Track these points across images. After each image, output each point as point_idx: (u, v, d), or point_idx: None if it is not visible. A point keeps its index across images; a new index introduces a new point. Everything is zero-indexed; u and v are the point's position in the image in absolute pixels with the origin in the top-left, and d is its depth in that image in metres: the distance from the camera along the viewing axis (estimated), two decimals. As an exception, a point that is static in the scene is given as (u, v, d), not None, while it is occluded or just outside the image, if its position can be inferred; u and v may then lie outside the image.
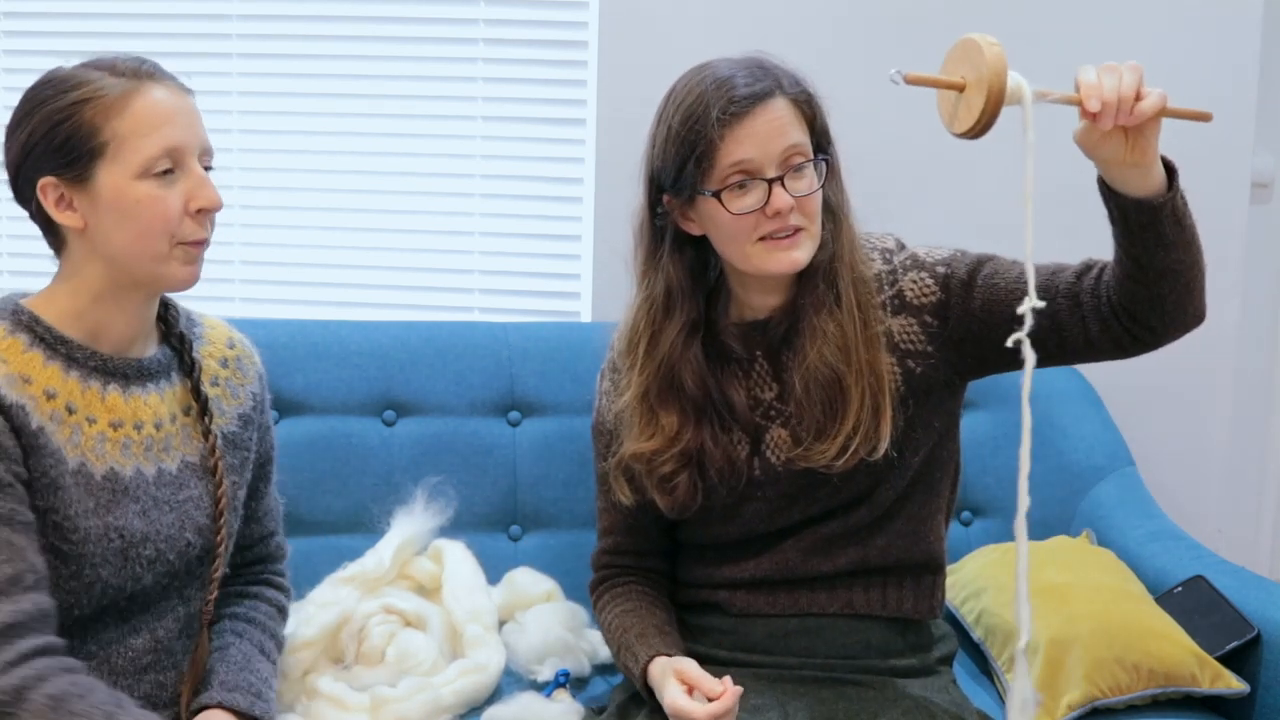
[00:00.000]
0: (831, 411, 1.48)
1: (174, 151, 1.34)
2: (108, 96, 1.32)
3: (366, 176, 2.46)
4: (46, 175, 1.33)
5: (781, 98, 1.45)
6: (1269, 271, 2.49)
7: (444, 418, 2.11)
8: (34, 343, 1.36)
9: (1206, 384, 2.41)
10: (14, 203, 1.40)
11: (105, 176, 1.33)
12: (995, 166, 2.39)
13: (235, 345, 1.57)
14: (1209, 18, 2.33)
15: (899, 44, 2.36)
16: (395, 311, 2.43)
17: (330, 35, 2.45)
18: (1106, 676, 1.71)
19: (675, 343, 1.52)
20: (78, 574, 1.34)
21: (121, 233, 1.34)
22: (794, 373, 1.50)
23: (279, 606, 1.62)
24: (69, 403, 1.36)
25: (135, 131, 1.32)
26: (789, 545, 1.55)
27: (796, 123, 1.46)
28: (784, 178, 1.44)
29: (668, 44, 2.33)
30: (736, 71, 1.45)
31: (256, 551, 1.63)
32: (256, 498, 1.60)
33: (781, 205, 1.43)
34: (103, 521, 1.36)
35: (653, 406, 1.54)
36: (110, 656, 1.40)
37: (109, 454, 1.38)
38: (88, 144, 1.32)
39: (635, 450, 1.54)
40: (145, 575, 1.39)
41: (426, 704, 1.66)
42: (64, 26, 2.46)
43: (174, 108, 1.35)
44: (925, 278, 1.52)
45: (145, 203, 1.33)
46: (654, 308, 1.54)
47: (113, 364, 1.40)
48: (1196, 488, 2.41)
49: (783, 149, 1.44)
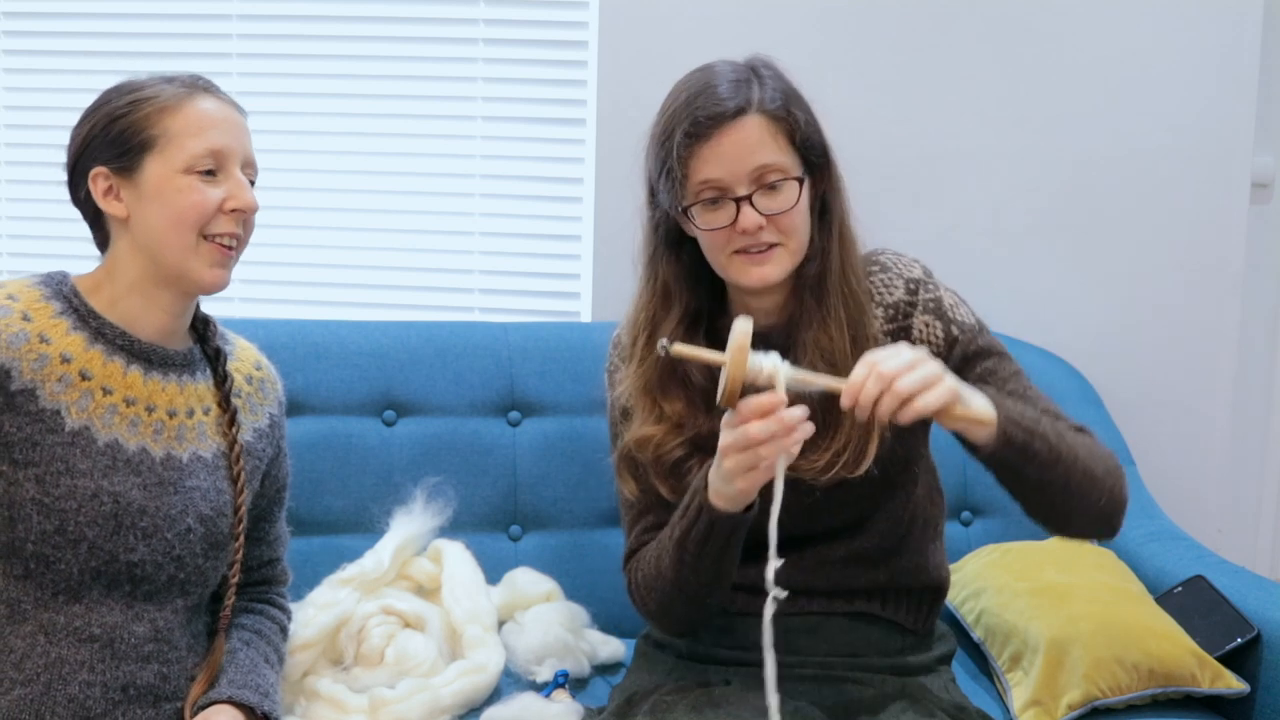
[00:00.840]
0: (823, 427, 1.46)
1: (218, 154, 1.45)
2: (163, 99, 1.45)
3: (366, 176, 2.47)
4: (99, 165, 1.44)
5: (755, 115, 1.42)
6: (1269, 271, 2.49)
7: (444, 418, 2.11)
8: (65, 311, 1.45)
9: (1206, 384, 2.41)
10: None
11: (152, 168, 1.43)
12: (995, 169, 2.39)
13: (261, 368, 1.65)
14: (1209, 18, 2.34)
15: (898, 44, 2.36)
16: (395, 311, 2.43)
17: (330, 35, 2.45)
18: (1106, 676, 1.72)
19: (675, 334, 1.51)
20: (62, 529, 1.38)
21: (159, 220, 1.43)
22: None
23: (281, 625, 1.66)
24: (85, 369, 1.43)
25: (185, 131, 1.43)
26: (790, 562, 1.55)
27: (770, 141, 1.42)
28: (753, 196, 1.42)
29: (668, 44, 2.33)
30: (719, 83, 1.43)
31: (263, 573, 1.67)
32: (270, 521, 1.65)
33: (748, 225, 1.42)
34: (96, 484, 1.40)
35: (655, 397, 1.53)
36: (114, 641, 1.42)
37: (116, 426, 1.44)
38: (139, 137, 1.43)
39: (640, 435, 1.52)
40: (139, 546, 1.42)
41: (425, 705, 1.66)
42: (64, 26, 2.47)
43: (223, 116, 1.47)
44: (938, 326, 1.51)
45: (185, 192, 1.43)
46: (653, 301, 1.54)
47: (139, 347, 1.47)
48: (1196, 488, 2.42)
49: (752, 168, 1.41)
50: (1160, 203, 2.37)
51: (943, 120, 2.37)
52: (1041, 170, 2.39)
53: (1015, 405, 1.39)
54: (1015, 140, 2.38)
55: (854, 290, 1.49)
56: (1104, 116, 2.36)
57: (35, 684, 1.38)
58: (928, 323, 1.51)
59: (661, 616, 1.55)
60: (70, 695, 1.38)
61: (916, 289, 1.52)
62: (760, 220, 1.42)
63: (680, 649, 1.61)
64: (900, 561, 1.56)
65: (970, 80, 2.37)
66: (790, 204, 1.43)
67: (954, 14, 2.36)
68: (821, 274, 1.48)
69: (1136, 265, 2.39)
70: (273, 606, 1.66)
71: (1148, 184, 2.37)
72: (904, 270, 1.54)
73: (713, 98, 1.42)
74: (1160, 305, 2.40)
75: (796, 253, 1.47)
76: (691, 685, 1.52)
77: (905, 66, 2.35)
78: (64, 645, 1.39)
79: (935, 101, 2.37)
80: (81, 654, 1.40)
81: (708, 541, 1.42)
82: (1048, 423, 1.39)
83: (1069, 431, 1.43)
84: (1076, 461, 1.39)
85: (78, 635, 1.40)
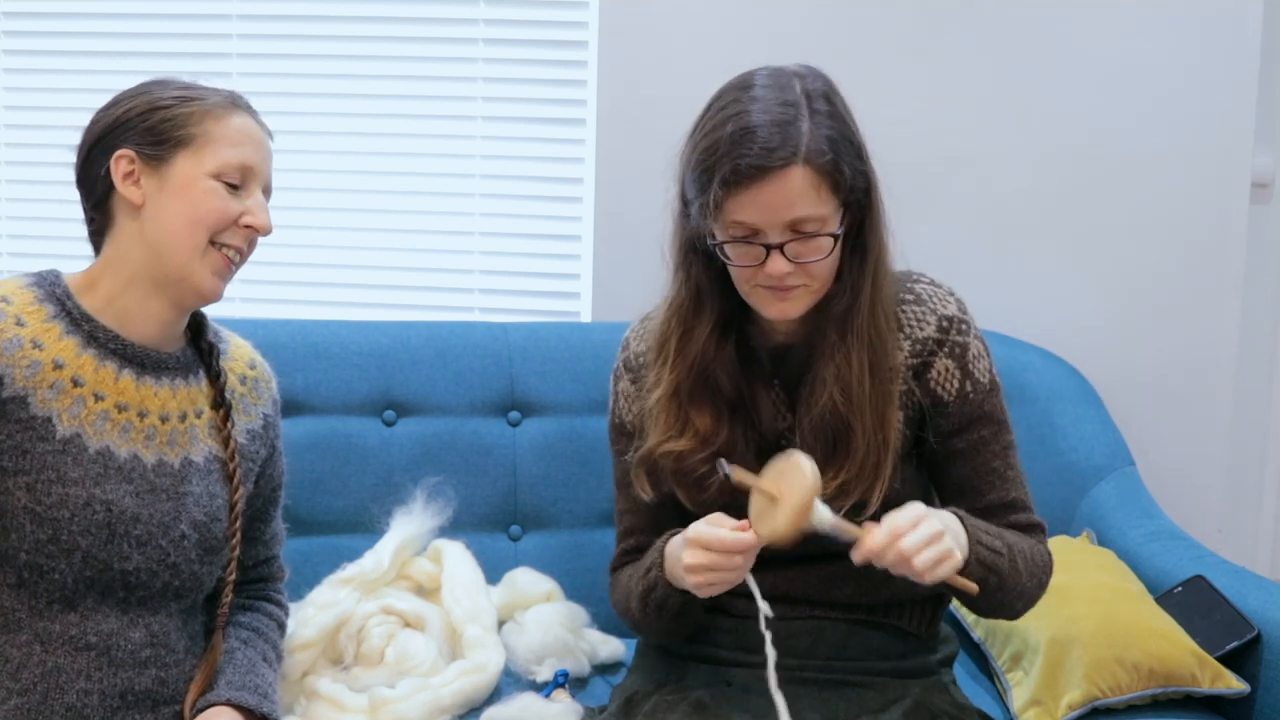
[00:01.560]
0: (834, 459, 1.46)
1: (246, 170, 1.46)
2: (210, 104, 1.46)
3: (366, 176, 2.47)
4: (127, 148, 1.43)
5: (800, 168, 1.35)
6: (1269, 271, 2.49)
7: (444, 418, 2.11)
8: (58, 314, 1.44)
9: (1206, 384, 2.41)
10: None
11: (183, 164, 1.44)
12: (995, 169, 2.39)
13: (255, 367, 1.63)
14: (1209, 18, 2.34)
15: (898, 44, 2.36)
16: (395, 311, 2.43)
17: (330, 35, 2.45)
18: (1107, 676, 1.71)
19: (709, 342, 1.50)
20: (55, 538, 1.38)
21: (175, 216, 1.43)
22: (803, 414, 1.49)
23: (279, 622, 1.65)
24: (76, 376, 1.42)
25: (224, 139, 1.45)
26: (795, 573, 1.56)
27: (812, 193, 1.37)
28: (785, 245, 1.39)
29: (668, 44, 2.33)
30: (765, 125, 1.36)
31: (259, 571, 1.66)
32: (264, 521, 1.64)
33: (775, 272, 1.39)
34: (88, 492, 1.39)
35: (683, 405, 1.51)
36: (110, 648, 1.41)
37: (107, 432, 1.43)
38: (178, 131, 1.44)
39: (668, 449, 1.51)
40: (133, 555, 1.41)
41: (425, 704, 1.66)
42: (64, 26, 2.47)
43: (259, 138, 1.49)
44: (956, 375, 1.50)
45: (209, 195, 1.44)
46: (684, 306, 1.51)
47: (131, 350, 1.46)
48: (1196, 488, 2.42)
49: (789, 219, 1.37)
50: (1160, 202, 2.37)
51: (942, 120, 2.37)
52: (1041, 170, 2.39)
53: (982, 550, 1.42)
54: (1015, 140, 2.38)
55: (881, 329, 1.47)
56: (1104, 116, 2.36)
57: (32, 693, 1.37)
58: (948, 368, 1.50)
59: (638, 632, 1.64)
60: (68, 704, 1.38)
61: (948, 329, 1.50)
62: (789, 268, 1.40)
63: (682, 649, 1.61)
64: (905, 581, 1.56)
65: (970, 80, 2.37)
66: (822, 255, 1.40)
67: (953, 14, 2.36)
68: (849, 311, 1.46)
69: (1136, 265, 2.39)
70: (269, 603, 1.65)
71: (1148, 184, 2.37)
72: (938, 305, 1.51)
73: (757, 143, 1.35)
74: (1160, 305, 2.40)
75: (819, 292, 1.45)
76: (692, 686, 1.52)
77: (905, 67, 2.35)
78: (60, 654, 1.39)
79: (935, 101, 2.37)
80: (78, 662, 1.39)
81: (664, 606, 1.51)
82: (1005, 563, 1.44)
83: (1020, 551, 1.48)
84: (1019, 584, 1.47)
85: (74, 643, 1.39)
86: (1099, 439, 2.20)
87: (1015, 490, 1.53)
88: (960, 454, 1.52)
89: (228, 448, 1.52)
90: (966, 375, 1.51)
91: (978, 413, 1.52)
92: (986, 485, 1.52)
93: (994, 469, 1.52)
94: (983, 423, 1.52)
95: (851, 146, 1.41)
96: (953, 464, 1.53)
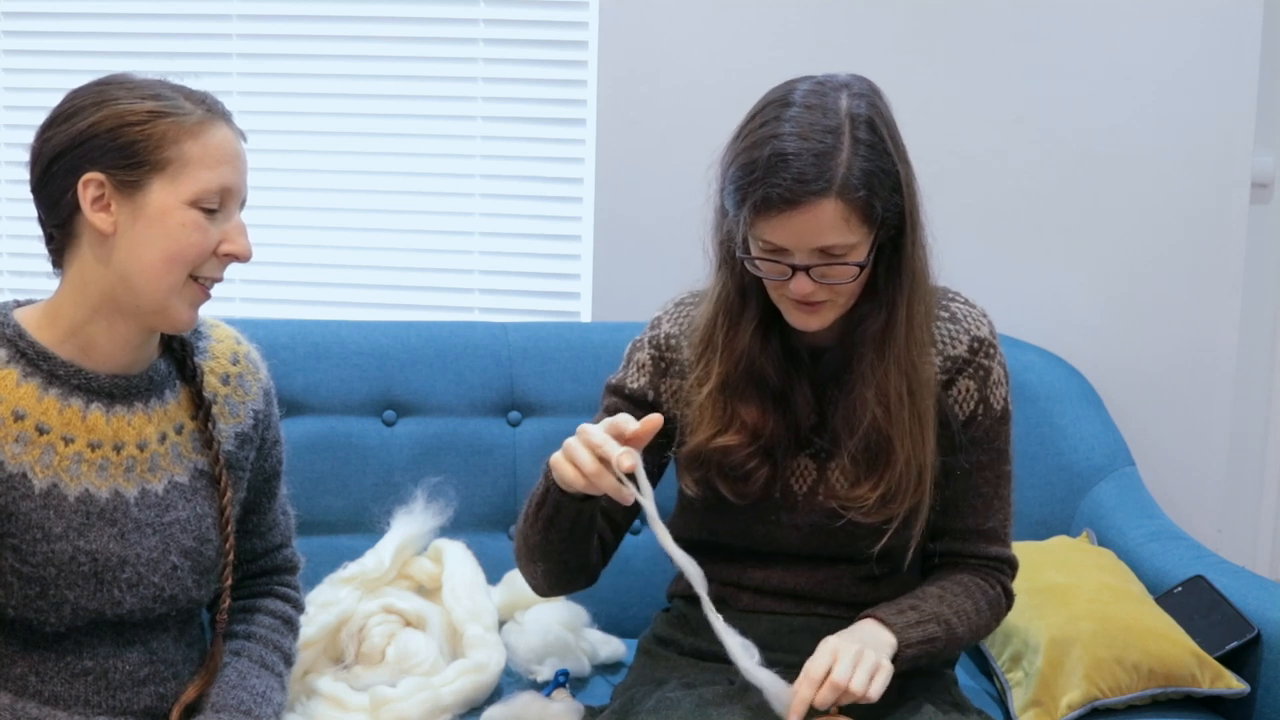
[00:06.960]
0: (874, 471, 1.47)
1: (226, 192, 1.35)
2: (187, 119, 1.33)
3: (366, 176, 2.46)
4: (96, 171, 1.31)
5: (832, 201, 1.35)
6: (1269, 271, 2.49)
7: (444, 418, 2.11)
8: (13, 358, 1.35)
9: (1206, 384, 2.41)
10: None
11: (158, 191, 1.32)
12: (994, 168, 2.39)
13: (239, 361, 1.53)
14: (1209, 18, 2.34)
15: (897, 44, 2.36)
16: (395, 311, 2.43)
17: (330, 35, 2.45)
18: (1106, 676, 1.71)
19: (755, 335, 1.51)
20: (43, 594, 1.33)
21: (151, 250, 1.33)
22: (841, 428, 1.50)
23: (284, 618, 1.59)
24: (40, 423, 1.34)
25: (202, 161, 1.33)
26: (799, 570, 1.56)
27: (843, 224, 1.37)
28: (812, 268, 1.39)
29: (668, 44, 2.33)
30: (799, 151, 1.35)
31: (262, 564, 1.61)
32: (259, 512, 1.58)
33: (798, 291, 1.40)
34: (72, 545, 1.34)
35: (730, 399, 1.52)
36: (107, 671, 1.38)
37: (84, 475, 1.36)
38: (154, 155, 1.31)
39: (719, 444, 1.51)
40: (126, 598, 1.37)
41: (426, 704, 1.66)
42: (64, 26, 2.47)
43: (236, 152, 1.37)
44: (974, 397, 1.53)
45: (188, 228, 1.33)
46: (730, 300, 1.52)
47: (97, 382, 1.38)
48: (1196, 488, 2.42)
49: (818, 246, 1.38)
50: (1160, 202, 2.37)
51: (942, 119, 2.37)
52: (1041, 169, 2.39)
53: (913, 641, 1.44)
54: (1015, 139, 2.38)
55: (918, 347, 1.48)
56: (1104, 116, 2.36)
57: None
58: (968, 388, 1.53)
59: (523, 559, 1.58)
60: None
61: (977, 351, 1.53)
62: (812, 288, 1.41)
63: (683, 647, 1.61)
64: (905, 577, 1.58)
65: (970, 79, 2.37)
66: (848, 280, 1.42)
67: (953, 14, 2.36)
68: (885, 330, 1.46)
69: (1136, 265, 2.39)
70: (273, 598, 1.59)
71: (1148, 184, 2.37)
72: (972, 326, 1.54)
73: (791, 173, 1.35)
74: (1160, 305, 2.40)
75: (844, 307, 1.46)
76: (693, 684, 1.52)
77: (905, 66, 2.35)
78: (57, 682, 1.36)
79: (934, 101, 2.37)
80: (75, 688, 1.37)
81: (554, 521, 1.48)
82: (942, 638, 1.47)
83: (961, 614, 1.50)
84: (963, 643, 1.52)
85: (69, 670, 1.37)
86: (1099, 439, 2.20)
87: (995, 520, 1.55)
88: (953, 473, 1.53)
89: (211, 449, 1.45)
90: (983, 399, 1.53)
91: (983, 439, 1.54)
92: (968, 509, 1.54)
93: (981, 494, 1.54)
94: (984, 449, 1.54)
95: (888, 178, 1.40)
96: (944, 479, 1.53)
